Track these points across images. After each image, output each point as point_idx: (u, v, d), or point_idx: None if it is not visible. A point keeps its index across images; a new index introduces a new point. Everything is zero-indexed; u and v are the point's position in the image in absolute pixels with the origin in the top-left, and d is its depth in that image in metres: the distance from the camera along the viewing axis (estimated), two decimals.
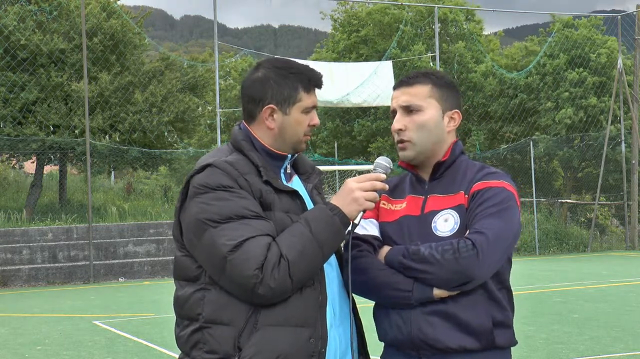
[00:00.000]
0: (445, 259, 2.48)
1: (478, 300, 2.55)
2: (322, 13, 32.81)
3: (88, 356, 8.99)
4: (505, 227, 2.53)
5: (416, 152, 2.67)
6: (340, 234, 2.46)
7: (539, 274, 16.91)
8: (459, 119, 2.72)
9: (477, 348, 2.54)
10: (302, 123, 2.58)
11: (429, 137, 2.66)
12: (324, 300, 2.50)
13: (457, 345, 2.53)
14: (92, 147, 20.08)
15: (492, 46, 32.17)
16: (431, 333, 2.54)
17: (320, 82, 2.62)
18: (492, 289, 2.57)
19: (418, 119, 2.66)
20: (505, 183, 2.61)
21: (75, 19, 21.38)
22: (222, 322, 2.41)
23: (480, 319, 2.54)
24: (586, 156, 27.00)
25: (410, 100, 2.67)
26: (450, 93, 2.72)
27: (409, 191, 2.73)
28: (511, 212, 2.57)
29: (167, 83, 22.51)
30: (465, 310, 2.53)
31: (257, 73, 2.60)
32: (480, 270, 2.48)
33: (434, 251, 2.50)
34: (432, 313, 2.54)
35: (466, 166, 2.69)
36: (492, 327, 2.55)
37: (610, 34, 27.57)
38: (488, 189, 2.58)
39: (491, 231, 2.50)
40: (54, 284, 17.93)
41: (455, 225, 2.57)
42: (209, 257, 2.41)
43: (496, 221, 2.52)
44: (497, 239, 2.50)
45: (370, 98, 21.11)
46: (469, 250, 2.47)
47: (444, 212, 2.61)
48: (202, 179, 2.45)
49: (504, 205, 2.56)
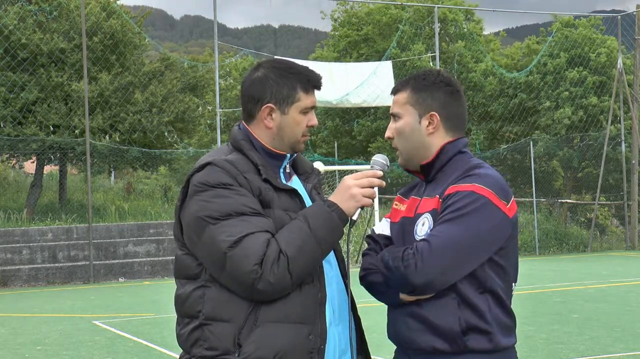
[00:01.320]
0: (394, 267, 2.54)
1: (448, 304, 2.55)
2: (323, 13, 32.85)
3: (88, 356, 8.99)
4: (461, 233, 2.49)
5: (403, 159, 2.74)
6: (338, 230, 2.48)
7: (539, 274, 16.91)
8: (437, 120, 2.67)
9: (448, 350, 2.55)
10: (300, 123, 2.60)
11: (407, 144, 2.70)
12: (324, 298, 2.52)
13: (429, 346, 2.56)
14: (92, 147, 20.08)
15: (492, 46, 32.18)
16: (407, 333, 2.60)
17: (319, 83, 2.64)
18: (466, 293, 2.54)
19: (397, 127, 2.72)
20: (476, 186, 2.54)
21: (75, 19, 21.38)
22: (222, 319, 2.43)
23: (447, 323, 2.54)
24: (586, 156, 27.00)
25: (393, 108, 2.74)
26: (430, 94, 2.69)
27: (414, 193, 2.78)
28: (474, 216, 2.50)
29: (167, 83, 22.52)
30: (434, 313, 2.55)
31: (257, 73, 2.62)
32: (419, 279, 2.48)
33: (389, 257, 2.57)
34: (408, 314, 2.60)
35: (456, 167, 2.66)
36: (463, 331, 2.54)
37: (610, 34, 27.57)
38: (455, 194, 2.55)
39: (438, 238, 2.49)
40: (54, 284, 17.93)
41: (428, 230, 2.58)
42: (209, 254, 2.43)
43: (449, 227, 2.50)
44: (444, 246, 2.47)
45: (370, 98, 21.11)
46: (409, 259, 2.49)
47: (423, 216, 2.63)
48: (202, 177, 2.47)
49: (465, 210, 2.50)
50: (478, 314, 2.56)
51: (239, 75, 35.24)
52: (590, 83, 26.34)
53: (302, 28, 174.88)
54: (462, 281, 2.54)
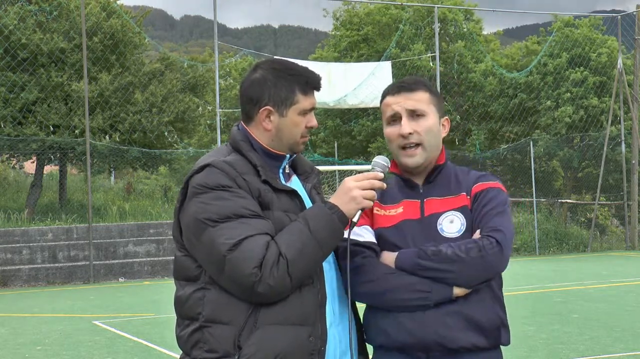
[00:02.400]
0: (471, 257, 2.54)
1: (486, 298, 2.63)
2: (325, 10, 32.85)
3: (88, 356, 8.99)
4: (510, 226, 2.65)
5: (425, 158, 2.72)
6: (339, 232, 2.47)
7: (539, 274, 16.91)
8: (448, 126, 2.83)
9: (486, 346, 2.61)
10: (298, 125, 2.59)
11: (435, 142, 2.74)
12: (323, 299, 2.50)
13: (470, 344, 2.59)
14: (92, 147, 20.08)
15: (492, 46, 32.18)
16: (447, 333, 2.58)
17: (318, 84, 2.62)
18: (495, 288, 2.66)
19: (425, 124, 2.71)
20: (500, 184, 2.74)
21: (75, 19, 21.38)
22: (222, 321, 2.42)
23: (491, 318, 2.62)
24: (586, 156, 27.00)
25: (416, 105, 2.72)
26: (441, 101, 2.84)
27: (402, 196, 2.75)
28: (509, 212, 2.72)
29: (167, 83, 22.52)
30: (477, 309, 2.60)
31: (255, 74, 2.61)
32: (504, 265, 2.61)
33: (457, 249, 2.55)
34: (447, 313, 2.58)
35: (454, 170, 2.79)
36: (499, 326, 2.64)
37: (610, 33, 27.57)
38: (489, 190, 2.69)
39: (506, 229, 2.61)
40: (54, 284, 17.93)
41: (462, 226, 2.64)
42: (208, 257, 2.42)
43: (505, 220, 2.64)
44: (510, 236, 2.63)
45: (368, 99, 21.09)
46: (494, 247, 2.56)
47: (448, 214, 2.65)
48: (201, 179, 2.46)
49: (506, 205, 2.69)
50: (503, 309, 2.68)
51: (239, 76, 35.24)
52: (590, 83, 26.34)
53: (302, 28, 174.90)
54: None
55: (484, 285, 2.61)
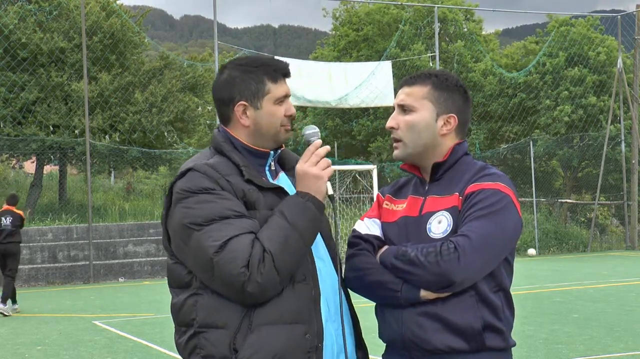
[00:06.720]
0: (428, 262, 2.48)
1: (468, 302, 2.53)
2: (325, 10, 32.85)
3: (88, 356, 8.99)
4: (495, 230, 2.49)
5: (406, 153, 2.69)
6: (317, 218, 2.47)
7: (539, 274, 16.91)
8: (454, 123, 2.70)
9: (466, 349, 2.53)
10: (275, 114, 2.58)
11: (418, 139, 2.67)
12: (318, 295, 2.49)
13: (446, 346, 2.53)
14: (92, 147, 20.08)
15: (491, 46, 32.19)
16: (421, 334, 2.55)
17: (287, 70, 2.62)
18: (484, 291, 2.55)
19: (409, 119, 2.67)
20: (500, 184, 2.57)
21: (75, 18, 21.39)
22: (217, 325, 2.42)
23: (469, 321, 2.53)
24: (586, 156, 27.00)
25: (405, 99, 2.69)
26: (450, 96, 2.72)
27: (411, 192, 2.74)
28: (504, 214, 2.52)
29: (167, 83, 22.52)
30: (454, 312, 2.52)
31: (223, 75, 2.62)
32: (461, 274, 2.46)
33: (419, 252, 2.51)
34: (422, 314, 2.54)
35: (466, 167, 2.67)
36: (482, 329, 2.54)
37: (609, 33, 27.59)
38: (481, 191, 2.55)
39: (477, 234, 2.46)
40: (54, 284, 17.92)
41: (448, 227, 2.56)
42: (196, 261, 2.41)
43: (484, 224, 2.48)
44: (483, 242, 2.47)
45: (369, 99, 21.12)
46: (450, 253, 2.45)
47: (438, 214, 2.60)
48: (184, 184, 2.45)
49: (496, 207, 2.51)
50: (494, 313, 2.56)
51: None
52: (589, 82, 26.34)
53: (302, 28, 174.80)
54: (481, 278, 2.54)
55: (469, 287, 2.51)
